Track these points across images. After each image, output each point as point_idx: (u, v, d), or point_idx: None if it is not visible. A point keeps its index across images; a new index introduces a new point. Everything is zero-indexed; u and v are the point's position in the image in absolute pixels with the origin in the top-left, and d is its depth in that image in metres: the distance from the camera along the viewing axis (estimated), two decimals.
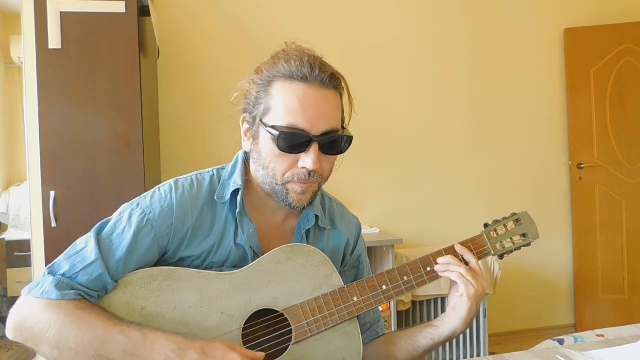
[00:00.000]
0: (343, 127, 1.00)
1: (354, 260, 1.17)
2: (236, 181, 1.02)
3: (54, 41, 2.07)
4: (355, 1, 3.14)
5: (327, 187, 1.18)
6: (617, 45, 3.39)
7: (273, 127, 0.93)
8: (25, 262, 2.89)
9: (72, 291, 0.90)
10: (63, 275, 0.92)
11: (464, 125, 3.31)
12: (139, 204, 0.99)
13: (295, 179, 0.96)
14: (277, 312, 0.99)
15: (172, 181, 1.03)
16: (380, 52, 3.16)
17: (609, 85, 3.41)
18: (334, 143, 0.96)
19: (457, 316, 1.02)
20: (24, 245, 2.90)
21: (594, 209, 3.42)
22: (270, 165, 0.96)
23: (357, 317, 1.03)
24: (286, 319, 0.98)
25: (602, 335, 1.80)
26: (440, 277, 1.05)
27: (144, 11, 2.23)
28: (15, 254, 3.14)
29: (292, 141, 0.93)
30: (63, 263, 0.94)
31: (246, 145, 1.03)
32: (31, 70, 2.40)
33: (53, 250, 2.06)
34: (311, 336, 0.98)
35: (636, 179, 3.40)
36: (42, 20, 2.06)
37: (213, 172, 1.06)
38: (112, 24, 2.11)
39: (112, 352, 0.86)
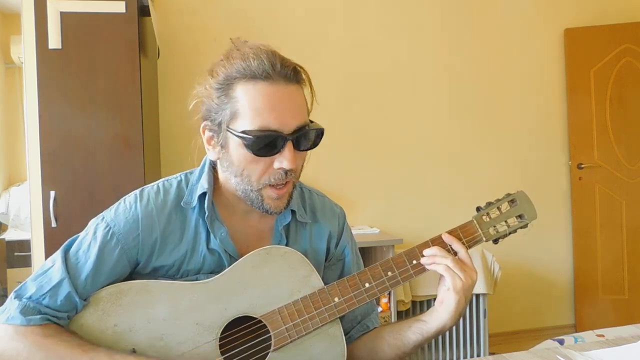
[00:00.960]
0: (310, 121, 0.96)
1: (338, 253, 1.12)
2: (203, 185, 0.99)
3: (54, 41, 2.07)
4: (356, 1, 3.14)
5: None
6: (617, 45, 3.39)
7: (243, 132, 0.89)
8: (25, 262, 2.89)
9: (38, 316, 0.88)
10: (29, 298, 0.90)
11: (464, 125, 3.31)
12: (103, 218, 0.97)
13: (272, 180, 0.93)
14: (254, 319, 0.95)
15: (137, 191, 1.00)
16: (380, 52, 3.15)
17: (609, 85, 3.41)
18: (306, 139, 0.94)
19: (445, 311, 0.97)
20: (24, 245, 2.90)
21: (593, 209, 3.42)
22: (244, 172, 0.93)
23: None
24: (265, 326, 0.95)
25: (602, 335, 1.80)
26: (428, 270, 1.00)
27: (144, 11, 2.23)
28: (15, 254, 3.14)
29: (266, 144, 0.89)
30: (30, 285, 0.91)
31: (212, 154, 0.97)
32: (31, 70, 2.39)
33: (53, 250, 2.03)
34: (291, 341, 0.95)
35: (636, 179, 3.40)
36: (42, 20, 2.06)
37: (181, 177, 1.03)
38: (112, 24, 2.11)
39: None
